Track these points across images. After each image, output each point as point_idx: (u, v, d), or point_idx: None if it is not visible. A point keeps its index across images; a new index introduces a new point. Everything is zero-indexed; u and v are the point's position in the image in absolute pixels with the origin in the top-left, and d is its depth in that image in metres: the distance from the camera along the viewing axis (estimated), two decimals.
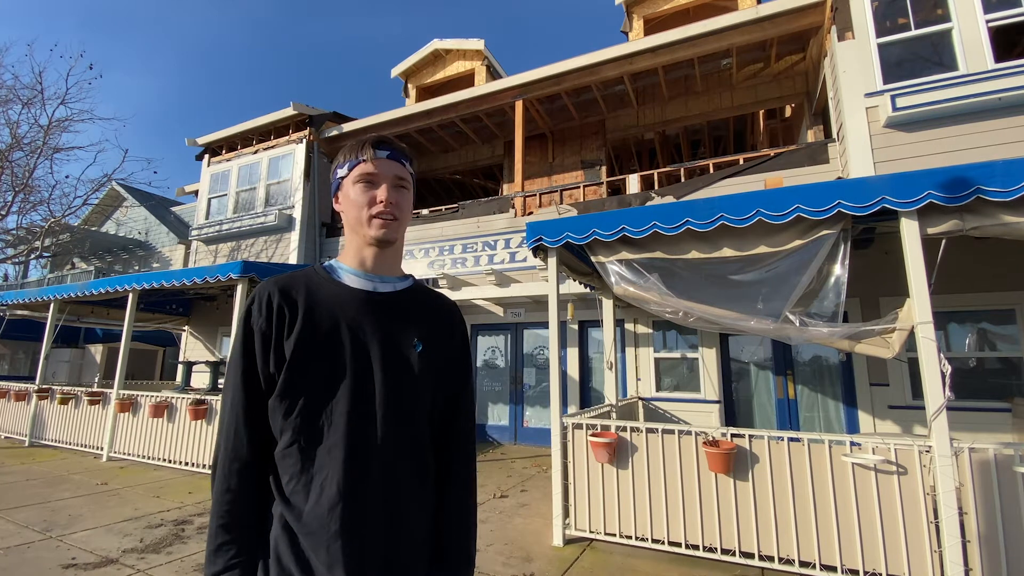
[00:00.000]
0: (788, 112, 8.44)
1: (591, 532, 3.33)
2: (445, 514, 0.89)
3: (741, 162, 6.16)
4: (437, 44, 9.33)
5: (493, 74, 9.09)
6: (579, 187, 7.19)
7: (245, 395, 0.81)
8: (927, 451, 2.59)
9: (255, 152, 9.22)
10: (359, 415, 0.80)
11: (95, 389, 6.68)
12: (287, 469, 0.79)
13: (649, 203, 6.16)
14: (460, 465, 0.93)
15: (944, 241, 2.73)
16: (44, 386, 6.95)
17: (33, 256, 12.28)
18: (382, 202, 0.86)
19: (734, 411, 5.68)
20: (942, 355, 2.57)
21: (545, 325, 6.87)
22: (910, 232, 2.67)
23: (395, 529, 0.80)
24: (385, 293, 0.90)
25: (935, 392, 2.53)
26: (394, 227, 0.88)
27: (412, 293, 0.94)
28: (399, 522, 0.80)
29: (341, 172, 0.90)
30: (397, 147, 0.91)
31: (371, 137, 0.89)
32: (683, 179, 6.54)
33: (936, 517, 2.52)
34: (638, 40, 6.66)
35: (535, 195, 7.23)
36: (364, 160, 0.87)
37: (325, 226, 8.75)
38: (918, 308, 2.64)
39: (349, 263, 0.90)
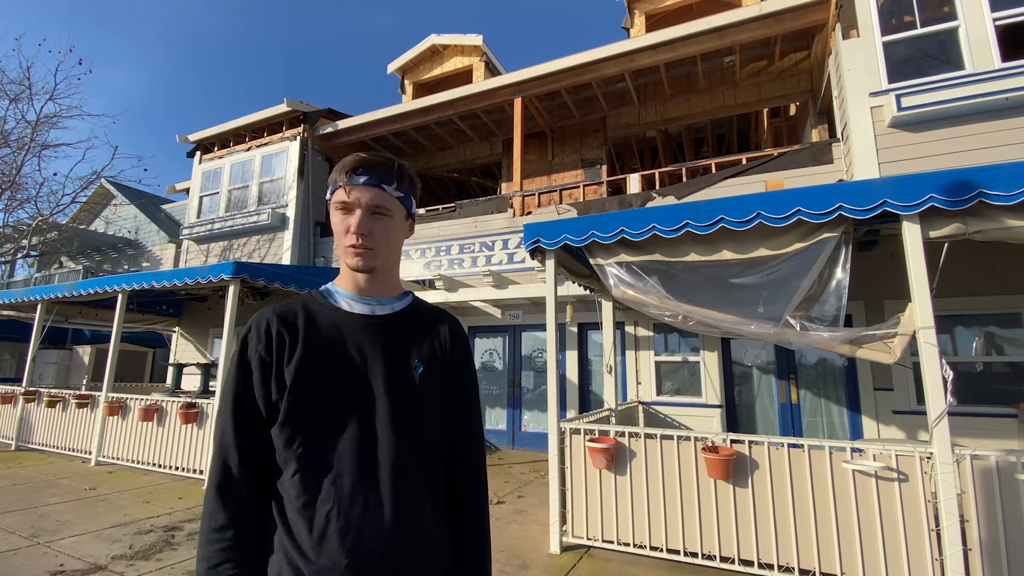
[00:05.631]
0: (792, 110, 8.38)
1: (589, 539, 3.29)
2: (461, 536, 0.88)
3: (744, 162, 6.10)
4: (435, 39, 9.22)
5: (492, 70, 8.99)
6: (579, 186, 7.11)
7: (240, 425, 0.79)
8: (928, 458, 2.57)
9: (248, 149, 9.09)
10: (365, 442, 0.78)
11: (83, 392, 6.57)
12: (291, 500, 0.76)
13: (650, 204, 6.11)
14: (472, 486, 0.91)
15: (947, 244, 2.70)
16: (31, 388, 6.84)
17: (20, 255, 12.12)
18: (353, 233, 0.83)
19: (736, 416, 5.63)
20: (944, 360, 2.54)
21: (544, 327, 6.82)
22: (912, 235, 2.64)
23: (408, 557, 0.78)
24: (383, 315, 0.88)
25: (937, 398, 2.50)
26: (370, 256, 0.84)
27: (411, 312, 0.92)
28: (412, 549, 0.79)
29: (328, 194, 0.88)
30: (378, 170, 0.84)
31: (351, 160, 0.85)
32: (685, 179, 6.48)
33: (937, 525, 2.49)
34: (639, 37, 6.58)
35: (534, 194, 7.15)
36: (340, 186, 0.84)
37: (319, 225, 8.64)
38: (920, 312, 2.61)
39: (345, 287, 0.89)
